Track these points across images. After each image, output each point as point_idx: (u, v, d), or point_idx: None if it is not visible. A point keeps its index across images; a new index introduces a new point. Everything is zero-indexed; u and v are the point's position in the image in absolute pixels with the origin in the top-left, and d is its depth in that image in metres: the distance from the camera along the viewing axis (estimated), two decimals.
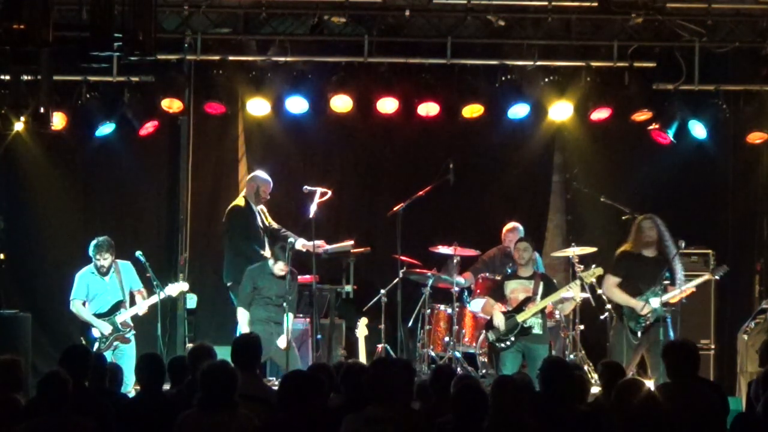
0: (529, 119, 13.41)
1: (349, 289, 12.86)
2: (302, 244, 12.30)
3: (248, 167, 13.55)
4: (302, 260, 12.28)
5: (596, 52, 13.20)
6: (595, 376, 10.93)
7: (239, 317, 11.84)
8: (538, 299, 11.56)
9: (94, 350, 11.40)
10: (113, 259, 12.12)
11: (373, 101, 13.12)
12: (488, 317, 11.81)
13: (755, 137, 13.28)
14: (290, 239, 11.97)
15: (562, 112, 13.23)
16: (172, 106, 13.06)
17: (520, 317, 11.51)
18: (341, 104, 13.07)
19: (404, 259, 12.67)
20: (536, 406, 7.28)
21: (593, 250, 12.49)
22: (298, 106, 13.17)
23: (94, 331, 12.04)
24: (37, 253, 13.56)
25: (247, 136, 13.79)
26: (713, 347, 13.03)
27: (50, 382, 7.22)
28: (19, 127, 12.51)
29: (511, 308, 11.62)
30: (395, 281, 12.55)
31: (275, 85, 13.06)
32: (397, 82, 13.08)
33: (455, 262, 12.51)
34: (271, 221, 12.69)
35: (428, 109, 13.13)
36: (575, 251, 12.42)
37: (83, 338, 11.95)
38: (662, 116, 13.20)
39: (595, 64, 13.13)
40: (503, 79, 13.08)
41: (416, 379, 11.05)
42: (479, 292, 12.58)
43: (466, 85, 13.10)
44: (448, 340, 12.51)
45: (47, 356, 12.64)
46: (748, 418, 7.36)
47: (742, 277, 13.70)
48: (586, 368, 11.65)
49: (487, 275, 12.66)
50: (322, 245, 12.57)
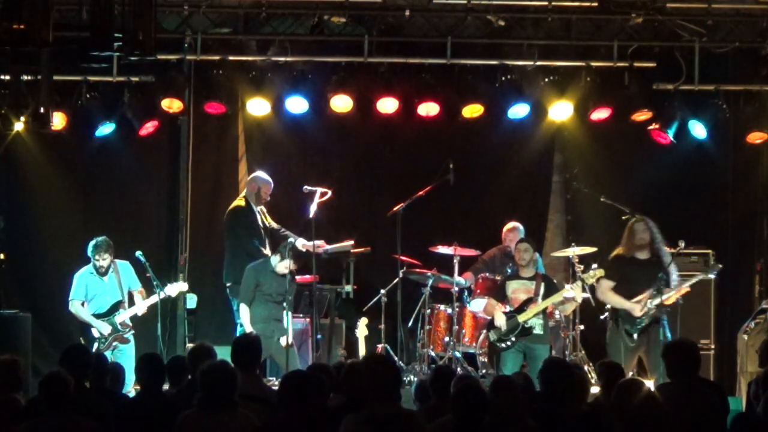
0: (529, 119, 13.41)
1: (349, 289, 12.87)
2: (302, 244, 12.30)
3: (248, 167, 13.56)
4: (302, 260, 12.28)
5: (596, 52, 13.20)
6: (595, 376, 10.93)
7: (241, 314, 11.82)
8: (539, 300, 11.57)
9: (93, 350, 11.40)
10: (112, 259, 12.12)
11: (373, 101, 13.12)
12: (489, 317, 11.82)
13: (755, 137, 13.29)
14: (290, 239, 11.98)
15: (562, 112, 13.23)
16: (172, 106, 13.06)
17: (521, 317, 11.51)
18: (341, 104, 13.07)
19: (404, 259, 12.66)
20: (536, 406, 7.29)
21: (593, 250, 12.49)
22: (298, 106, 13.17)
23: (93, 331, 12.04)
24: (37, 253, 13.56)
25: (247, 136, 13.79)
26: (713, 347, 13.03)
27: (52, 381, 7.22)
28: (19, 127, 12.52)
29: (512, 308, 11.63)
30: (395, 281, 12.55)
31: (275, 85, 13.06)
32: (397, 82, 13.08)
33: (455, 261, 12.54)
34: (270, 221, 12.69)
35: (428, 109, 13.12)
36: (575, 251, 12.42)
37: (82, 338, 11.95)
38: (662, 116, 13.20)
39: (595, 64, 13.13)
40: (503, 79, 13.08)
41: (416, 379, 11.16)
42: (479, 292, 12.58)
43: (466, 85, 13.10)
44: (448, 340, 12.50)
45: (47, 356, 12.64)
46: (747, 418, 7.36)
47: (742, 277, 13.72)
48: (586, 368, 11.65)
49: (487, 275, 12.66)
50: (322, 245, 12.57)
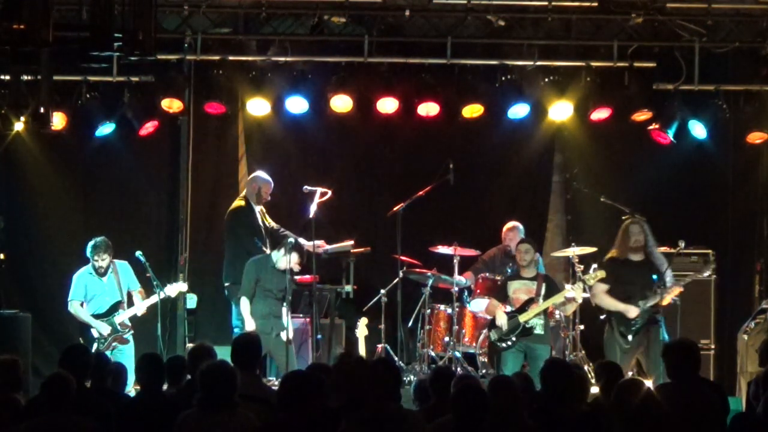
0: (529, 119, 13.41)
1: (349, 289, 12.85)
2: (302, 243, 12.29)
3: (248, 167, 13.55)
4: (304, 257, 12.26)
5: (596, 52, 13.20)
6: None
7: (242, 306, 11.76)
8: (540, 300, 11.57)
9: (93, 350, 11.39)
10: (111, 259, 12.11)
11: (373, 101, 13.12)
12: (490, 317, 11.82)
13: (755, 137, 13.28)
14: (290, 239, 11.97)
15: (562, 112, 13.23)
16: (172, 106, 13.06)
17: (522, 318, 11.52)
18: (341, 104, 13.07)
19: (404, 259, 12.66)
20: (536, 406, 7.29)
21: (593, 250, 12.48)
22: (298, 106, 13.16)
23: (92, 331, 12.03)
24: (37, 253, 13.56)
25: (247, 136, 13.78)
26: (713, 347, 13.02)
27: (54, 382, 7.22)
28: (19, 127, 12.50)
29: (513, 308, 11.63)
30: (395, 281, 12.55)
31: (275, 85, 13.05)
32: (397, 82, 13.08)
33: (455, 261, 12.53)
34: (270, 221, 12.68)
35: (428, 109, 13.12)
36: (575, 251, 12.41)
37: (82, 339, 11.94)
38: (662, 116, 13.19)
39: (595, 64, 13.13)
40: (503, 79, 13.08)
41: (416, 379, 11.15)
42: (479, 292, 12.58)
43: (466, 85, 13.10)
44: (448, 340, 12.50)
45: (47, 356, 12.66)
46: (747, 418, 7.36)
47: (742, 277, 13.72)
48: (586, 368, 11.64)
49: (487, 275, 12.65)
50: (322, 245, 12.58)
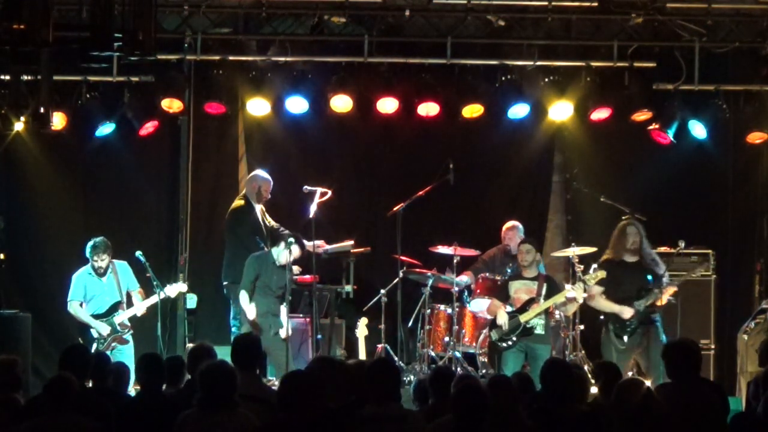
0: (529, 119, 13.41)
1: (349, 289, 12.85)
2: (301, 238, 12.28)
3: (248, 167, 13.54)
4: (302, 260, 12.27)
5: (596, 52, 13.20)
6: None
7: (241, 299, 11.72)
8: (541, 300, 11.57)
9: (93, 351, 11.39)
10: (110, 259, 12.11)
11: (373, 101, 13.12)
12: (491, 317, 11.82)
13: (755, 137, 13.29)
14: (290, 239, 11.96)
15: (562, 112, 13.23)
16: (172, 106, 13.06)
17: (522, 317, 11.52)
18: (341, 104, 13.07)
19: (404, 259, 12.66)
20: (536, 406, 7.29)
21: (593, 250, 12.46)
22: (298, 106, 13.16)
23: (92, 331, 12.03)
24: (37, 253, 13.56)
25: (247, 136, 13.78)
26: (713, 347, 13.02)
27: (57, 383, 7.22)
28: (19, 127, 12.51)
29: (513, 308, 11.63)
30: (395, 281, 12.55)
31: (275, 85, 13.05)
32: (397, 82, 13.08)
33: (455, 261, 12.53)
34: (270, 220, 12.68)
35: (428, 109, 13.12)
36: (575, 251, 12.39)
37: (81, 339, 11.93)
38: (662, 116, 13.20)
39: (595, 64, 13.13)
40: (503, 79, 13.09)
41: (416, 379, 11.15)
42: (479, 292, 12.57)
43: (466, 85, 13.10)
44: (448, 340, 12.50)
45: (47, 356, 12.66)
46: (747, 418, 7.36)
47: (742, 277, 13.72)
48: (586, 368, 11.64)
49: (487, 275, 12.65)
50: (322, 245, 12.58)
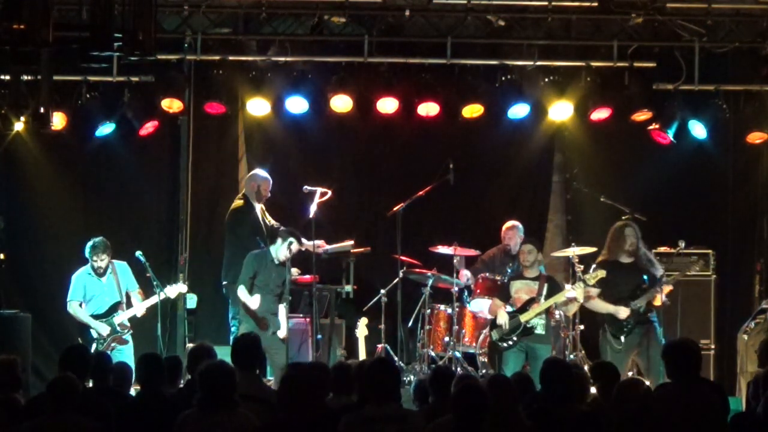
0: (529, 119, 13.42)
1: (349, 289, 12.84)
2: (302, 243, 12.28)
3: (248, 167, 13.53)
4: (302, 260, 12.27)
5: (596, 52, 13.21)
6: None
7: (240, 294, 11.63)
8: (541, 300, 11.57)
9: (92, 351, 11.39)
10: (110, 259, 12.10)
11: (373, 101, 13.13)
12: (492, 317, 11.82)
13: (755, 137, 13.29)
14: (288, 236, 11.95)
15: (562, 112, 13.23)
16: (172, 106, 13.06)
17: (523, 317, 11.52)
18: (341, 104, 13.07)
19: (404, 259, 12.66)
20: (536, 406, 7.29)
21: (593, 250, 12.45)
22: (298, 106, 13.17)
23: (92, 332, 12.02)
24: (37, 253, 13.55)
25: (247, 136, 13.78)
26: (713, 347, 13.02)
27: (59, 384, 7.22)
28: (19, 127, 12.53)
29: (514, 308, 11.64)
30: (395, 281, 12.54)
31: (275, 85, 13.06)
32: (397, 82, 13.09)
33: (456, 261, 12.52)
34: (270, 219, 12.68)
35: (428, 109, 13.12)
36: (575, 251, 12.39)
37: (80, 339, 11.92)
38: (662, 116, 13.20)
39: (595, 64, 13.14)
40: (503, 79, 13.09)
41: (416, 379, 11.16)
42: (479, 292, 12.57)
43: (466, 85, 13.10)
44: (448, 340, 12.50)
45: (47, 356, 12.67)
46: (747, 418, 7.36)
47: (742, 277, 13.72)
48: (586, 368, 11.64)
49: (487, 275, 12.64)
50: (322, 245, 12.57)
